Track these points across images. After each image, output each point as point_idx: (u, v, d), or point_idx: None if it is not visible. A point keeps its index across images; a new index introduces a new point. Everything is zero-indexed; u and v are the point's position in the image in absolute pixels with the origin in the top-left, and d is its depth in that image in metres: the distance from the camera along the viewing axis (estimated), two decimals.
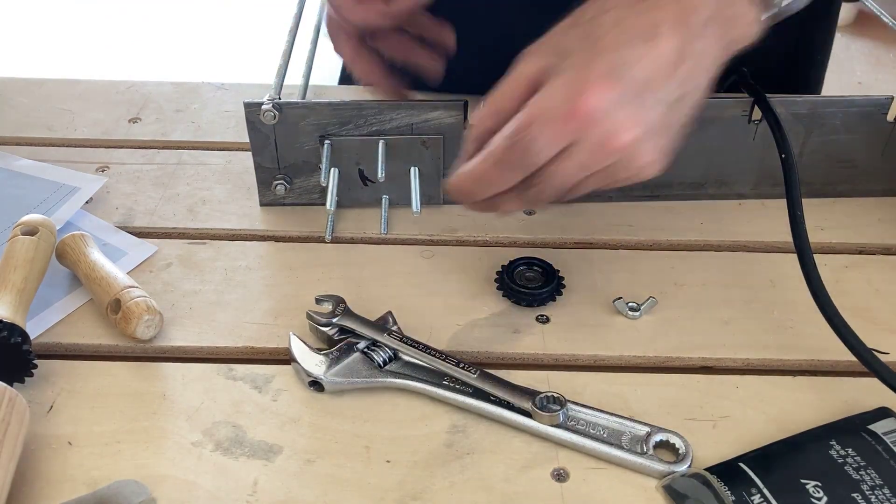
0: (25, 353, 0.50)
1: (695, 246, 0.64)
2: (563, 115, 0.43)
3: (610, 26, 0.44)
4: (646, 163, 0.46)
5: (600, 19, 0.45)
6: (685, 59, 0.44)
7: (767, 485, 0.44)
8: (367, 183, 0.65)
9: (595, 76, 0.43)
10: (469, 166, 0.48)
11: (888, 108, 0.64)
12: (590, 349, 0.54)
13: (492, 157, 0.46)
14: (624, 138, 0.44)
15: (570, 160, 0.45)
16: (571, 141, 0.44)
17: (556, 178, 0.46)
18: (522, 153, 0.45)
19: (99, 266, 0.56)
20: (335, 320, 0.53)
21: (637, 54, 0.43)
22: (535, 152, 0.45)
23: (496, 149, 0.46)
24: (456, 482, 0.46)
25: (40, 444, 0.47)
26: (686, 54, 0.44)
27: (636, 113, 0.44)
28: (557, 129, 0.44)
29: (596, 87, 0.43)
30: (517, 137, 0.45)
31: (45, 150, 0.72)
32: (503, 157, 0.46)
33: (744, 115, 0.63)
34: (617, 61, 0.43)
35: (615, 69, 0.43)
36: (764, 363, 0.54)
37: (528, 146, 0.44)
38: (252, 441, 0.48)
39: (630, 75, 0.43)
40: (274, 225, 0.65)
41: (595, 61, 0.43)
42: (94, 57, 2.65)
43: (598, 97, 0.43)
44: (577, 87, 0.43)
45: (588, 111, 0.43)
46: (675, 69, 0.44)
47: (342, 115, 0.62)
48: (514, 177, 0.47)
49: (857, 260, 0.62)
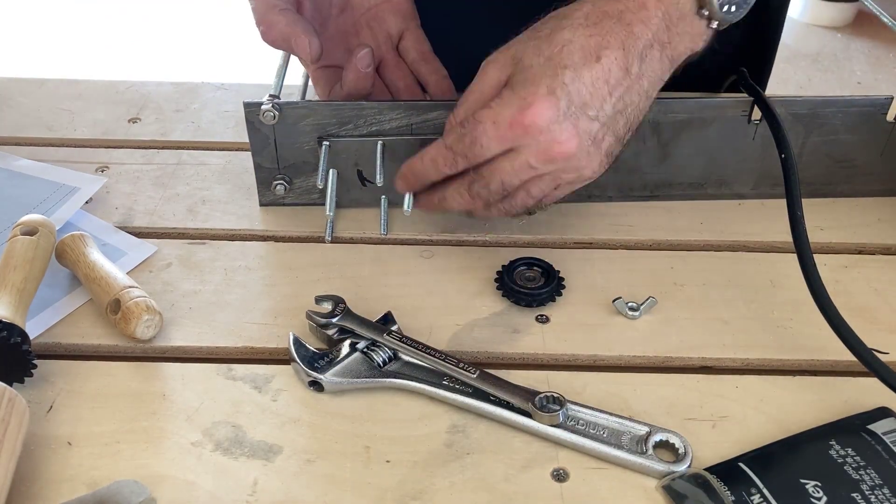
0: (25, 353, 0.50)
1: (695, 246, 0.64)
2: (509, 122, 0.50)
3: (561, 46, 0.50)
4: (585, 166, 0.53)
5: (555, 37, 0.51)
6: (625, 80, 0.51)
7: (767, 485, 0.44)
8: (366, 184, 0.65)
9: (541, 93, 0.50)
10: (420, 152, 0.56)
11: (888, 108, 0.64)
12: (589, 349, 0.54)
13: (441, 142, 0.54)
14: (563, 148, 0.51)
15: (514, 160, 0.52)
16: (514, 145, 0.52)
17: (499, 173, 0.53)
18: (470, 144, 0.52)
19: (98, 266, 0.56)
20: (335, 320, 0.53)
21: (580, 75, 0.50)
22: (480, 145, 0.52)
23: (446, 134, 0.54)
24: (456, 482, 0.46)
25: (40, 444, 0.47)
26: (627, 76, 0.51)
27: (574, 126, 0.51)
28: (503, 132, 0.51)
29: (539, 103, 0.50)
30: (467, 129, 0.52)
31: (45, 150, 0.72)
32: (452, 144, 0.53)
33: (743, 115, 0.63)
34: (561, 80, 0.50)
35: (559, 87, 0.50)
36: (764, 363, 0.54)
37: (475, 139, 0.52)
38: (252, 441, 0.48)
39: (571, 94, 0.50)
40: (274, 225, 0.65)
41: (543, 79, 0.50)
42: (94, 57, 2.65)
43: (539, 112, 0.50)
44: (525, 101, 0.50)
45: (530, 122, 0.50)
46: (614, 89, 0.51)
47: (342, 115, 0.62)
48: (459, 163, 0.54)
49: (857, 260, 0.62)
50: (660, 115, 0.63)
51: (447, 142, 0.54)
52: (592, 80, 0.50)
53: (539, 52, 0.51)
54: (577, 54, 0.50)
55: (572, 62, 0.50)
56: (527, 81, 0.50)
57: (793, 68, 2.61)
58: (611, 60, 0.50)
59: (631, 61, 0.51)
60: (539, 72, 0.50)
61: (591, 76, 0.50)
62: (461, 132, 0.52)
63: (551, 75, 0.50)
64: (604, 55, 0.50)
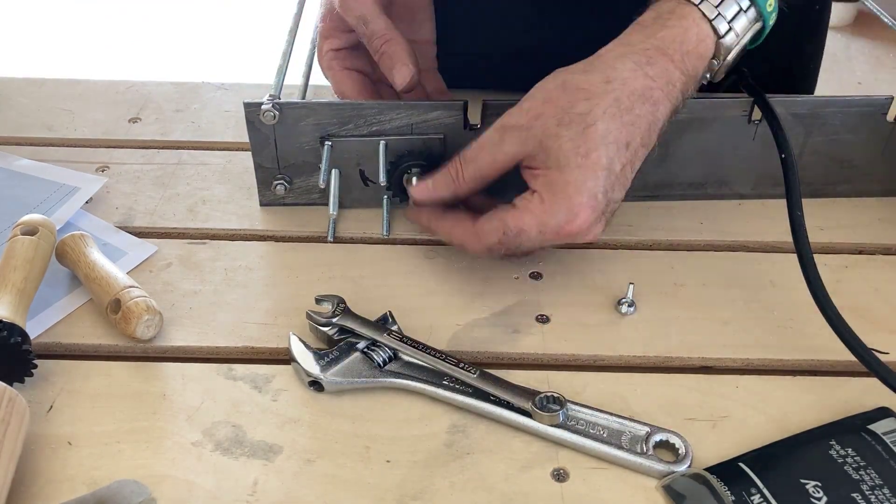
0: (25, 352, 0.50)
1: (695, 246, 0.64)
2: (555, 232, 0.52)
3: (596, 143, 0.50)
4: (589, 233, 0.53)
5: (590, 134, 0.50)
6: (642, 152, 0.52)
7: (767, 485, 0.44)
8: (368, 183, 0.65)
9: (585, 203, 0.51)
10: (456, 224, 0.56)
11: (888, 108, 0.64)
12: (590, 349, 0.54)
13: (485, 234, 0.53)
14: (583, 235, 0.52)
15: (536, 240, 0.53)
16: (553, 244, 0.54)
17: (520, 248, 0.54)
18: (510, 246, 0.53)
19: (99, 266, 0.56)
20: (335, 320, 0.53)
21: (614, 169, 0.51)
22: (522, 247, 0.53)
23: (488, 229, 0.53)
24: (456, 482, 0.46)
25: (40, 443, 0.47)
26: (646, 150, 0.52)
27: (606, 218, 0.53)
28: (548, 237, 0.52)
29: (585, 213, 0.51)
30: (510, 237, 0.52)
31: (45, 150, 0.72)
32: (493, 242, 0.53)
33: (744, 114, 0.63)
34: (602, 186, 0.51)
35: (600, 193, 0.51)
36: (764, 363, 0.54)
37: (520, 244, 0.53)
38: (252, 441, 0.48)
39: (608, 191, 0.51)
40: (274, 225, 0.65)
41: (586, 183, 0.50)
42: (94, 57, 2.65)
43: (585, 221, 0.51)
44: (571, 213, 0.51)
45: (577, 231, 0.52)
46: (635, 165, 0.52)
47: (342, 115, 0.62)
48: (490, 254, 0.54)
49: (857, 260, 0.62)
50: None
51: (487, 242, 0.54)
52: (622, 169, 0.51)
53: (576, 150, 0.50)
54: (612, 147, 0.50)
55: (608, 158, 0.50)
56: (568, 186, 0.50)
57: None
58: (637, 144, 0.51)
59: (653, 138, 0.52)
60: (580, 176, 0.50)
61: (622, 165, 0.51)
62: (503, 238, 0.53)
63: (592, 178, 0.50)
64: (632, 141, 0.51)
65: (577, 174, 0.50)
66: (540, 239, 0.52)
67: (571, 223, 0.51)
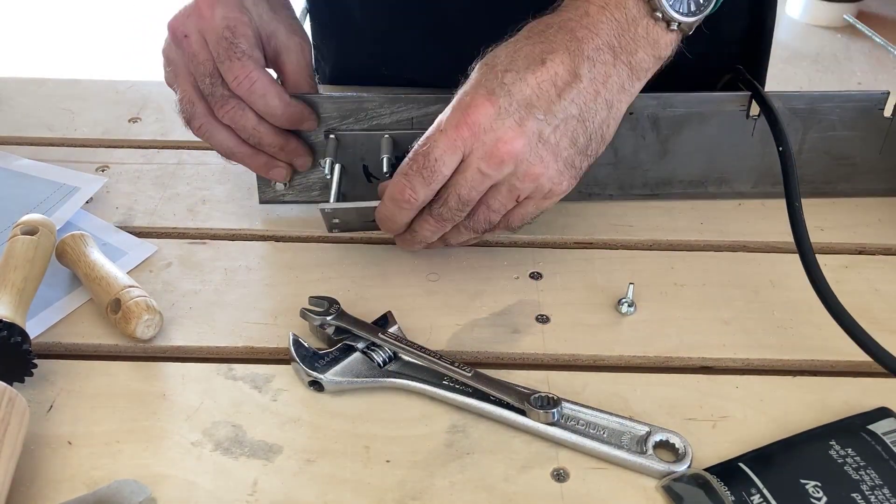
0: (25, 352, 0.50)
1: (695, 246, 0.64)
2: (453, 127, 0.50)
3: (504, 56, 0.51)
4: (541, 174, 0.51)
5: (499, 51, 0.51)
6: (575, 84, 0.50)
7: (767, 485, 0.44)
8: (372, 180, 0.65)
9: (481, 93, 0.50)
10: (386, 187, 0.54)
11: (884, 103, 0.64)
12: (590, 349, 0.54)
13: (400, 172, 0.52)
14: (509, 147, 0.50)
15: (465, 171, 0.51)
16: (463, 151, 0.50)
17: (454, 188, 0.52)
18: (423, 163, 0.51)
19: (99, 266, 0.56)
20: (329, 319, 0.53)
21: (522, 77, 0.50)
22: (435, 159, 0.50)
23: (403, 164, 0.52)
24: (456, 482, 0.46)
25: (40, 443, 0.47)
26: (576, 79, 0.50)
27: (519, 124, 0.50)
28: (449, 138, 0.50)
29: (480, 102, 0.49)
30: (419, 150, 0.51)
31: (45, 150, 0.72)
32: (409, 171, 0.51)
33: (741, 110, 0.63)
34: (501, 81, 0.50)
35: (497, 87, 0.50)
36: (764, 363, 0.54)
37: (427, 154, 0.51)
38: (252, 441, 0.48)
39: (512, 92, 0.49)
40: (274, 225, 0.65)
41: (483, 82, 0.50)
42: (94, 57, 2.65)
43: (481, 110, 0.49)
44: (464, 104, 0.50)
45: (473, 121, 0.49)
46: (563, 91, 0.50)
47: (342, 108, 0.62)
48: (423, 191, 0.52)
49: (857, 260, 0.62)
50: (658, 110, 0.63)
51: (401, 171, 0.52)
52: (538, 83, 0.50)
53: (484, 64, 0.51)
54: (520, 61, 0.50)
55: (515, 67, 0.50)
56: (468, 88, 0.51)
57: (793, 69, 2.61)
58: (556, 63, 0.50)
59: (578, 63, 0.50)
60: (479, 78, 0.51)
61: (536, 79, 0.50)
62: (412, 156, 0.52)
63: (491, 78, 0.50)
64: (548, 59, 0.50)
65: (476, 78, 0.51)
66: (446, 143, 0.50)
67: (466, 113, 0.49)
